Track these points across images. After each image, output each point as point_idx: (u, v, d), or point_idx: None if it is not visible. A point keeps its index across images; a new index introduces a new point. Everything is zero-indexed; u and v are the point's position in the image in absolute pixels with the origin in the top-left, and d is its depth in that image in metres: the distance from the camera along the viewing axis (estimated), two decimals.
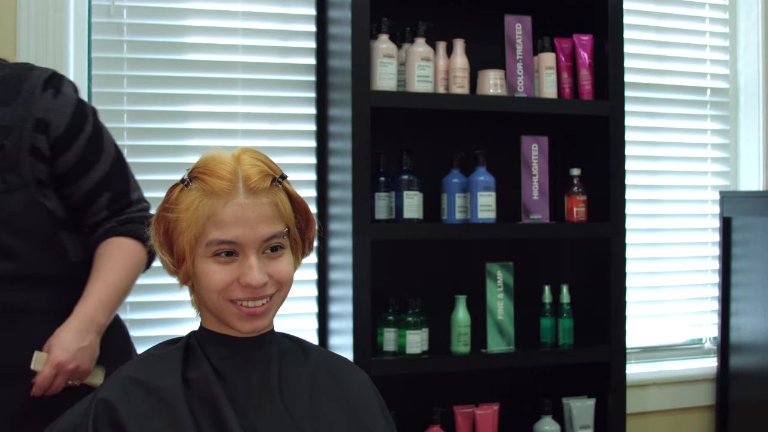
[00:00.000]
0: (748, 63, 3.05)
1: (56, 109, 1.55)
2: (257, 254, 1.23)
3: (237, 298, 1.24)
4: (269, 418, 1.25)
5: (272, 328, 1.33)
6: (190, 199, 1.23)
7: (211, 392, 1.24)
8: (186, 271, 1.25)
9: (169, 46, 2.44)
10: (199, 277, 1.25)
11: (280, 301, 1.29)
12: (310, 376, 1.32)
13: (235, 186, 1.23)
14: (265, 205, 1.24)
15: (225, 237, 1.22)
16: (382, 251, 2.35)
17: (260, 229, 1.23)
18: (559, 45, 2.54)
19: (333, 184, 2.41)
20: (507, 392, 2.60)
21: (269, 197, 1.25)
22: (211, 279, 1.23)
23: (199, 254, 1.23)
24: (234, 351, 1.28)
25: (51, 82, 1.56)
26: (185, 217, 1.23)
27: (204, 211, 1.22)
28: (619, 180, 2.50)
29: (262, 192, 1.24)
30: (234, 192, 1.22)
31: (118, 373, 1.27)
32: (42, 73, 1.57)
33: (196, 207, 1.22)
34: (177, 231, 1.24)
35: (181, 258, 1.25)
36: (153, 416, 1.21)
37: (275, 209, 1.25)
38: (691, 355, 3.02)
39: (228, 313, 1.25)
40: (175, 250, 1.25)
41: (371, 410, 1.34)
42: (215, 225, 1.22)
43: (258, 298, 1.24)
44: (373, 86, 2.31)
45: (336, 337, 2.40)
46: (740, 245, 2.87)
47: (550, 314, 2.53)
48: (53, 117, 1.55)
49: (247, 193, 1.23)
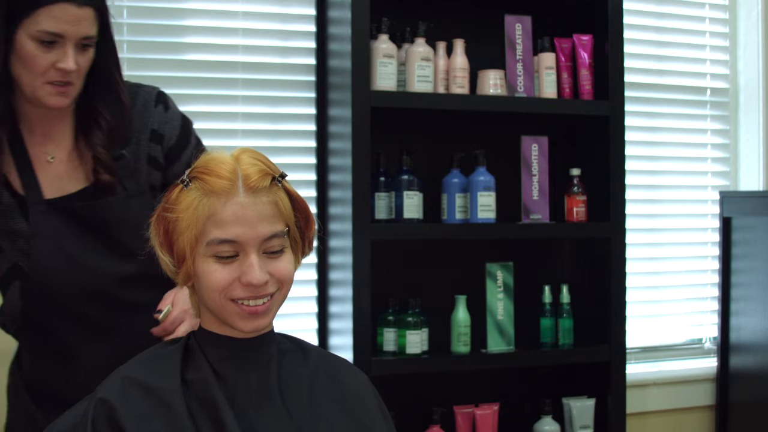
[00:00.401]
0: (748, 63, 3.05)
1: (168, 121, 1.67)
2: (258, 253, 1.23)
3: (238, 297, 1.24)
4: (269, 418, 1.25)
5: (272, 329, 1.33)
6: (190, 198, 1.23)
7: (211, 393, 1.24)
8: (186, 271, 1.26)
9: (169, 46, 2.44)
10: (199, 276, 1.25)
11: (280, 300, 1.29)
12: (309, 376, 1.32)
13: (235, 185, 1.22)
14: (265, 204, 1.24)
15: (225, 236, 1.22)
16: (382, 251, 2.35)
17: (260, 228, 1.23)
18: (559, 45, 2.54)
19: (333, 184, 2.41)
20: (507, 392, 2.60)
21: (269, 196, 1.25)
22: (211, 278, 1.23)
23: (200, 254, 1.23)
24: (233, 352, 1.28)
25: (160, 97, 1.68)
26: (185, 217, 1.23)
27: (204, 211, 1.22)
28: (619, 180, 2.50)
29: (262, 191, 1.24)
30: (234, 191, 1.22)
31: (117, 373, 1.27)
32: (151, 90, 1.68)
33: (196, 206, 1.22)
34: (177, 231, 1.24)
35: (182, 258, 1.25)
36: (152, 416, 1.21)
37: (275, 208, 1.25)
38: (691, 355, 3.02)
39: (229, 313, 1.25)
40: (175, 250, 1.26)
41: (370, 410, 1.34)
42: (215, 224, 1.22)
43: (259, 296, 1.24)
44: (373, 86, 2.31)
45: (336, 337, 2.40)
46: (740, 245, 2.87)
47: (550, 314, 2.53)
48: (166, 129, 1.66)
49: (247, 192, 1.23)
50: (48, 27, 1.43)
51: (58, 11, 1.43)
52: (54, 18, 1.43)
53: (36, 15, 1.42)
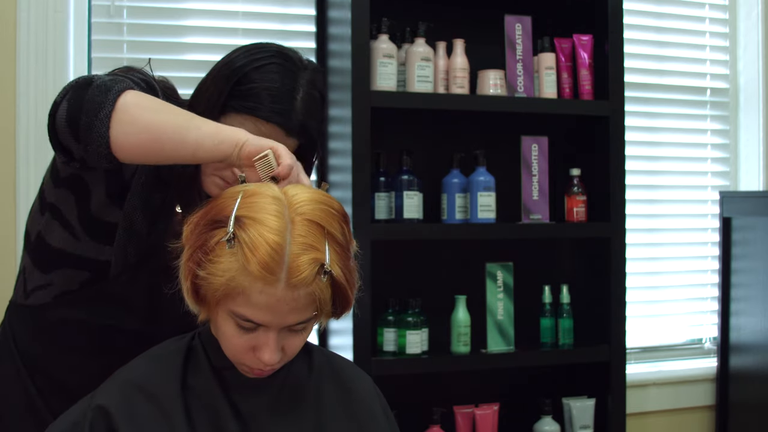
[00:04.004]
0: (748, 63, 3.05)
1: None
2: (278, 332, 1.18)
3: (248, 363, 1.21)
4: (272, 428, 1.24)
5: None
6: (226, 266, 1.13)
7: (212, 400, 1.23)
8: (206, 313, 1.22)
9: (169, 46, 2.44)
10: (217, 326, 1.21)
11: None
12: (315, 385, 1.30)
13: (277, 277, 1.12)
14: (301, 297, 1.14)
15: (252, 318, 1.15)
16: (382, 251, 2.34)
17: (289, 318, 1.16)
18: (559, 45, 2.54)
19: (333, 184, 2.41)
20: (507, 392, 2.60)
21: (309, 288, 1.14)
22: (228, 341, 1.20)
23: (223, 309, 1.18)
24: None
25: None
26: (217, 282, 1.14)
27: (238, 285, 1.14)
28: (619, 180, 2.50)
29: (303, 285, 1.14)
30: (274, 283, 1.12)
31: (118, 376, 1.26)
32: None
33: (231, 277, 1.13)
34: (205, 285, 1.17)
35: (203, 303, 1.20)
36: (150, 422, 1.19)
37: (311, 299, 1.15)
38: (691, 355, 3.02)
39: (237, 364, 1.24)
40: (201, 294, 1.19)
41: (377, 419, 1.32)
42: (245, 302, 1.14)
43: (266, 370, 1.22)
44: (373, 86, 2.31)
45: (336, 337, 2.40)
46: (740, 245, 2.87)
47: (550, 314, 2.53)
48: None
49: (287, 287, 1.13)
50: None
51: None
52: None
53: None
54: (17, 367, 1.51)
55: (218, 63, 1.45)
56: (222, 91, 1.39)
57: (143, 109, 1.27)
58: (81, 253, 1.46)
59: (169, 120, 1.27)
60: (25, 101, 2.26)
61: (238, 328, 1.17)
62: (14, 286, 1.56)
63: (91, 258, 1.46)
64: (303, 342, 1.23)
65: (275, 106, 1.37)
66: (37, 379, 1.50)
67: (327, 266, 1.14)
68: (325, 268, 1.14)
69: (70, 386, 1.45)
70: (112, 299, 1.47)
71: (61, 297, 1.48)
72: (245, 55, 1.41)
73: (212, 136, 1.26)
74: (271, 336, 1.17)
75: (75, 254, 1.46)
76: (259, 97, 1.37)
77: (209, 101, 1.40)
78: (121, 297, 1.47)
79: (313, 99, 1.42)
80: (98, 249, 1.45)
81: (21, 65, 2.26)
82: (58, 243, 1.47)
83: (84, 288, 1.47)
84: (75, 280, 1.47)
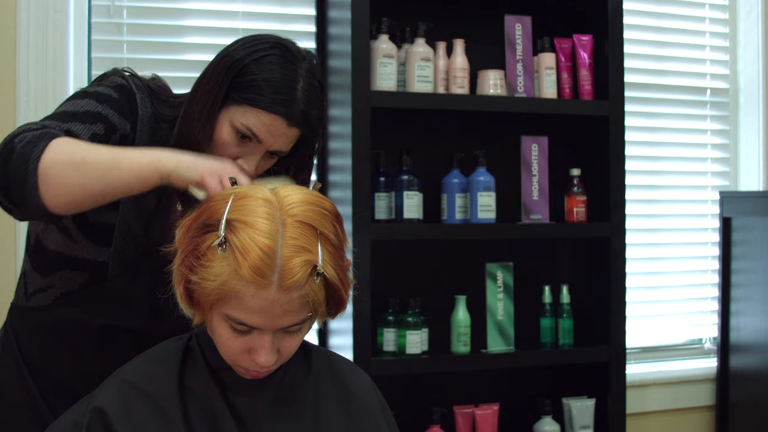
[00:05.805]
0: (748, 63, 3.05)
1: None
2: (273, 334, 1.17)
3: (244, 365, 1.21)
4: (270, 428, 1.23)
5: None
6: (218, 271, 1.13)
7: (210, 401, 1.22)
8: (201, 317, 1.21)
9: (169, 46, 2.44)
10: (212, 329, 1.21)
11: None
12: (313, 384, 1.30)
13: (270, 281, 1.11)
14: (295, 299, 1.14)
15: (246, 321, 1.15)
16: (382, 251, 2.34)
17: (283, 320, 1.15)
18: (559, 45, 2.54)
19: (333, 184, 2.41)
20: (507, 392, 2.60)
21: (302, 290, 1.14)
22: (223, 344, 1.19)
23: (216, 312, 1.17)
24: None
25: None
26: (210, 286, 1.14)
27: (231, 288, 1.13)
28: (619, 180, 2.50)
29: (296, 288, 1.13)
30: (266, 287, 1.12)
31: (116, 376, 1.26)
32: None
33: (224, 282, 1.13)
34: (198, 289, 1.16)
35: (197, 306, 1.20)
36: (147, 423, 1.19)
37: (304, 300, 1.15)
38: (691, 355, 3.02)
39: (233, 366, 1.23)
40: (194, 298, 1.18)
41: (376, 419, 1.31)
42: (238, 305, 1.14)
43: (262, 372, 1.22)
44: (373, 86, 2.31)
45: (336, 337, 2.40)
46: (740, 245, 2.87)
47: (550, 314, 2.53)
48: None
49: (280, 290, 1.12)
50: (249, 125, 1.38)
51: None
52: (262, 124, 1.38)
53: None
54: (19, 367, 1.51)
55: (216, 56, 1.45)
56: (222, 84, 1.39)
57: (64, 167, 1.28)
58: (78, 254, 1.46)
59: (93, 170, 1.28)
60: (25, 101, 2.26)
61: (232, 331, 1.17)
62: (15, 288, 1.57)
63: (89, 259, 1.46)
64: (299, 343, 1.23)
65: (276, 96, 1.38)
66: (39, 379, 1.50)
67: (320, 268, 1.14)
68: (317, 269, 1.14)
69: (71, 386, 1.45)
70: (112, 299, 1.47)
71: (61, 299, 1.48)
72: (244, 47, 1.41)
73: (135, 174, 1.28)
74: (266, 338, 1.17)
75: (72, 256, 1.46)
76: (260, 88, 1.38)
77: (209, 95, 1.40)
78: (120, 297, 1.47)
79: (313, 88, 1.42)
80: (96, 250, 1.46)
81: (21, 65, 2.26)
82: (55, 246, 1.47)
83: (83, 289, 1.48)
84: (74, 281, 1.48)
